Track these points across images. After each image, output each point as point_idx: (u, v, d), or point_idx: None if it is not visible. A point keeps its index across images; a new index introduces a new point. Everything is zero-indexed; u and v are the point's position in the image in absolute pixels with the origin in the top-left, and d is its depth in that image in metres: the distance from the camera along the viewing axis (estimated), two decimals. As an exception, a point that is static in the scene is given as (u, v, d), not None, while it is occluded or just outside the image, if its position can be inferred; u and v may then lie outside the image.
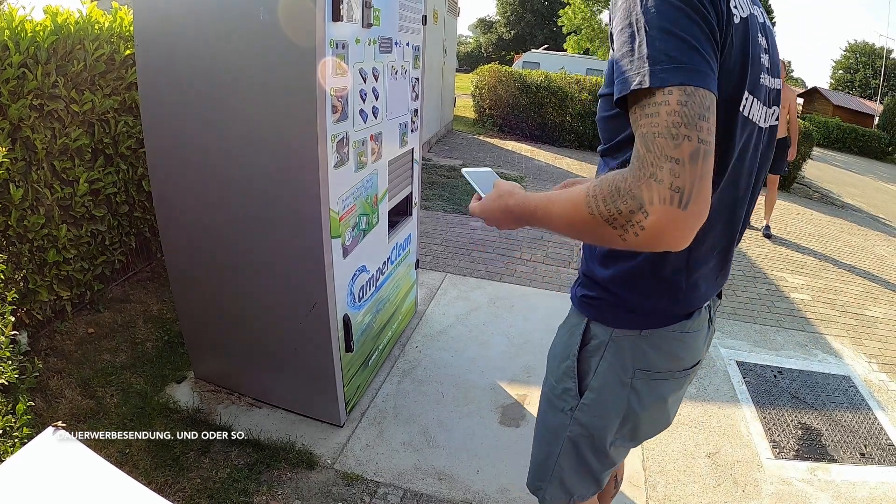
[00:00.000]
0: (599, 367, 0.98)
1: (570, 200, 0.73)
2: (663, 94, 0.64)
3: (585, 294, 0.99)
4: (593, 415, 1.01)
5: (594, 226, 0.69)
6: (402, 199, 2.46)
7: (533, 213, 0.82)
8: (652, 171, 0.63)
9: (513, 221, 0.88)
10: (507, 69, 9.68)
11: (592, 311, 0.98)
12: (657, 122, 0.64)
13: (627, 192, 0.64)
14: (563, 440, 1.06)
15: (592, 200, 0.68)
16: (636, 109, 0.68)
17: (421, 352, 2.64)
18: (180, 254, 2.01)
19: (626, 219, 0.65)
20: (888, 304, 3.89)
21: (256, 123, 1.65)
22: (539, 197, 0.82)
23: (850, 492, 2.00)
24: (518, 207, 0.85)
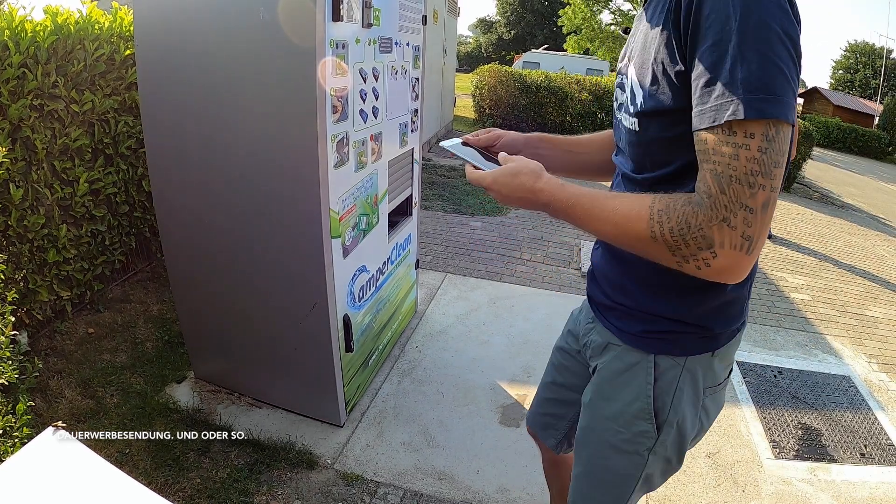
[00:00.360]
0: (675, 400, 0.91)
1: (627, 212, 0.71)
2: (748, 134, 0.63)
3: (648, 330, 0.90)
4: (675, 448, 0.96)
5: (649, 245, 0.70)
6: (401, 201, 2.46)
7: (568, 208, 0.78)
8: (725, 216, 0.64)
9: (530, 203, 0.82)
10: (507, 69, 9.68)
11: (661, 345, 0.90)
12: (736, 165, 0.63)
13: (698, 229, 0.65)
14: (640, 478, 0.98)
15: (657, 225, 0.68)
16: (711, 138, 0.65)
17: (421, 352, 2.64)
18: (180, 254, 2.01)
19: (691, 253, 0.67)
20: (888, 304, 3.89)
21: (256, 123, 1.65)
22: (577, 192, 0.77)
23: (850, 492, 2.00)
24: (547, 195, 0.80)
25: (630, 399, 0.93)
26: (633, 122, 0.82)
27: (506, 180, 0.83)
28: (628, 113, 0.84)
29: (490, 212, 4.94)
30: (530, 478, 1.92)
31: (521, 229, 4.57)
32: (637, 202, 0.71)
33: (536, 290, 3.44)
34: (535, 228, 4.63)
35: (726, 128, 0.64)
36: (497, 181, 0.84)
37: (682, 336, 0.88)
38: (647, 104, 0.77)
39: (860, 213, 7.24)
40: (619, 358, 0.95)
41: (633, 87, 0.82)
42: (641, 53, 0.80)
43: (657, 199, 0.70)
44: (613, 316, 0.95)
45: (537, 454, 1.98)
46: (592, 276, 1.03)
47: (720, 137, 0.64)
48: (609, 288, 0.96)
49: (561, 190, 0.79)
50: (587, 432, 1.01)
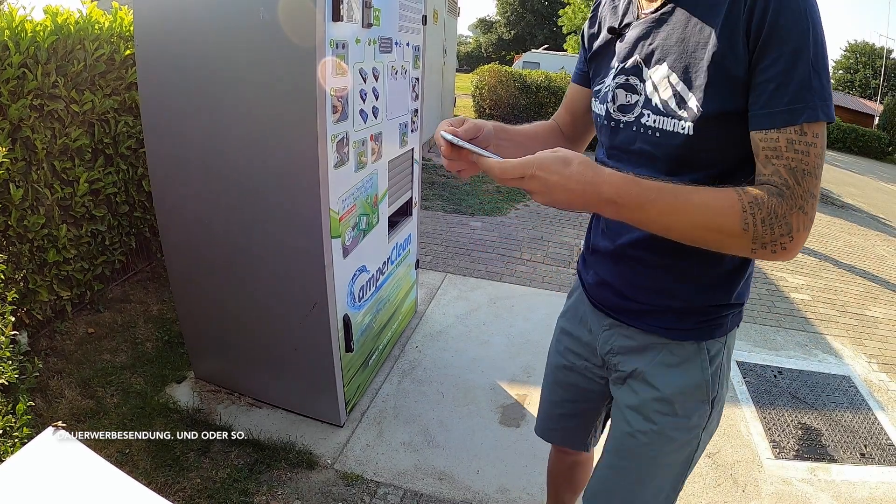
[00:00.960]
0: (721, 377, 0.97)
1: (718, 206, 0.72)
2: (815, 134, 0.72)
3: (699, 321, 0.93)
4: (718, 418, 1.01)
5: (735, 237, 0.72)
6: (401, 204, 2.46)
7: (644, 204, 0.72)
8: (801, 205, 0.72)
9: (583, 199, 0.73)
10: (507, 69, 9.68)
11: (711, 331, 0.94)
12: (808, 161, 0.72)
13: (783, 218, 0.71)
14: (693, 458, 1.01)
15: (750, 217, 0.71)
16: (783, 137, 0.72)
17: (421, 352, 2.64)
18: (180, 254, 2.01)
19: (772, 240, 0.72)
20: (888, 304, 3.89)
21: (256, 123, 1.65)
22: (653, 185, 0.73)
23: (850, 492, 2.00)
24: (612, 188, 0.72)
25: (689, 390, 0.95)
26: (683, 126, 0.80)
27: (557, 169, 0.71)
28: (664, 115, 0.82)
29: (490, 212, 4.94)
30: (530, 478, 1.92)
31: (521, 229, 4.57)
32: (723, 196, 0.72)
33: (536, 290, 3.44)
34: (535, 228, 4.63)
35: (798, 128, 0.71)
36: (544, 168, 0.71)
37: (726, 317, 0.94)
38: (709, 107, 0.77)
39: (860, 213, 7.24)
40: (670, 353, 0.96)
41: (673, 89, 0.81)
42: (683, 55, 0.80)
43: (741, 193, 0.72)
44: (653, 318, 0.95)
45: (537, 454, 1.99)
46: (601, 286, 1.01)
47: (792, 136, 0.72)
48: (643, 295, 0.95)
49: (631, 184, 0.73)
50: (639, 436, 0.99)
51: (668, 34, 0.83)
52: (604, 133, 0.96)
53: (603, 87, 0.95)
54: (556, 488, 1.46)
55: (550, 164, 0.72)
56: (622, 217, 0.74)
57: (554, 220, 4.89)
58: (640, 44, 0.87)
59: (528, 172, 0.72)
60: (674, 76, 0.81)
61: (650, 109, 0.85)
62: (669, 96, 0.82)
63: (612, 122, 0.92)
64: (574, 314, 1.16)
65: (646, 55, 0.86)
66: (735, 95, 0.76)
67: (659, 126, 0.84)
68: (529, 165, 0.72)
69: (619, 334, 1.01)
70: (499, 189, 5.77)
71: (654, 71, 0.84)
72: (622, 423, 1.02)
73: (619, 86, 0.90)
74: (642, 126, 0.87)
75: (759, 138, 0.74)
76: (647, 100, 0.86)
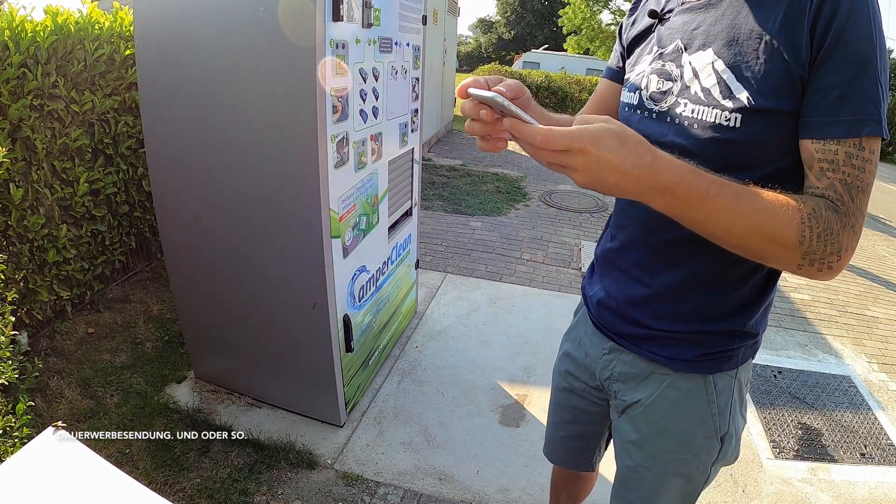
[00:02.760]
0: (731, 412, 0.91)
1: (780, 213, 0.65)
2: (871, 150, 0.68)
3: (704, 353, 0.87)
4: (735, 450, 0.95)
5: (786, 249, 0.67)
6: (402, 214, 2.46)
7: (704, 198, 0.64)
8: (852, 223, 0.68)
9: (636, 184, 0.62)
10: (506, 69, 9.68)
11: (717, 364, 0.88)
12: (863, 177, 0.68)
13: (836, 234, 0.67)
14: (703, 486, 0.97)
15: (808, 230, 0.66)
16: (841, 149, 0.68)
17: (421, 352, 2.64)
18: (180, 254, 2.01)
19: (821, 257, 0.67)
20: (888, 304, 3.89)
21: (256, 123, 1.65)
22: (716, 178, 0.66)
23: (850, 492, 2.00)
24: (672, 176, 0.63)
25: (693, 426, 0.90)
26: (727, 118, 0.73)
27: (612, 145, 0.60)
28: (705, 104, 0.76)
29: (490, 212, 4.94)
30: (530, 478, 1.92)
31: (521, 229, 4.57)
32: (784, 202, 0.66)
33: (536, 290, 3.44)
34: (535, 228, 4.63)
35: (858, 142, 0.67)
36: (598, 143, 0.59)
37: (736, 350, 0.88)
38: (761, 101, 0.71)
39: (860, 213, 7.23)
40: (672, 386, 0.90)
41: (718, 76, 0.74)
42: (734, 43, 0.73)
43: (801, 202, 0.67)
44: (656, 345, 0.89)
45: (537, 454, 1.99)
46: (605, 306, 0.96)
47: (850, 150, 0.67)
48: (648, 318, 0.89)
49: (694, 174, 0.64)
50: (642, 470, 0.95)
51: (716, 19, 0.77)
52: (631, 124, 0.86)
53: (633, 76, 0.89)
54: (556, 498, 1.44)
55: (605, 138, 0.60)
56: (674, 211, 0.65)
57: (554, 221, 4.89)
58: (683, 28, 0.81)
59: (576, 146, 0.59)
60: (720, 63, 0.74)
61: (688, 98, 0.78)
62: (713, 84, 0.75)
63: (644, 111, 0.85)
64: (575, 335, 1.12)
65: (687, 40, 0.79)
66: (791, 94, 0.70)
67: (697, 116, 0.76)
68: (580, 137, 0.59)
69: (619, 360, 0.96)
70: (499, 189, 5.76)
71: (695, 56, 0.78)
72: (625, 456, 0.98)
73: (654, 71, 0.83)
74: (677, 116, 0.79)
75: (816, 148, 0.69)
76: (684, 87, 0.79)
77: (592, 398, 1.09)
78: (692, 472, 0.94)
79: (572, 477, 1.37)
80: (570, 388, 1.12)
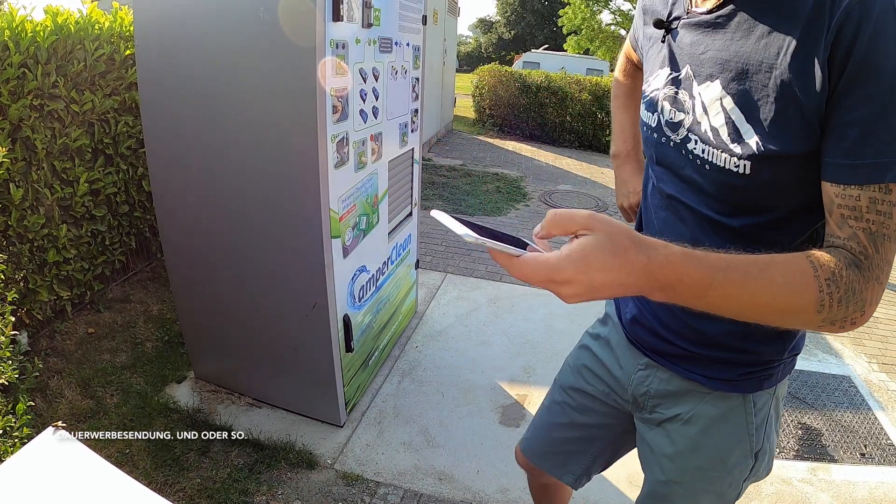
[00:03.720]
0: (767, 428, 0.90)
1: (793, 285, 0.58)
2: None
3: (747, 372, 0.84)
4: (768, 466, 0.94)
5: (805, 317, 0.60)
6: (402, 219, 2.46)
7: (709, 287, 0.56)
8: (877, 275, 0.62)
9: (635, 290, 0.56)
10: (507, 69, 9.68)
11: (758, 383, 0.86)
12: (890, 224, 0.60)
13: (859, 294, 0.61)
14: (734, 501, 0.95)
15: (827, 297, 0.59)
16: (864, 195, 0.60)
17: (421, 352, 2.64)
18: (180, 254, 2.01)
19: (843, 317, 0.61)
20: (888, 304, 3.89)
21: (256, 123, 1.65)
22: (717, 263, 0.57)
23: (850, 492, 2.00)
24: (672, 273, 0.55)
25: (731, 444, 0.88)
26: (737, 164, 0.68)
27: (603, 265, 0.52)
28: (714, 146, 0.70)
29: (490, 212, 4.94)
30: (530, 478, 1.92)
31: (521, 229, 4.57)
32: (797, 272, 0.59)
33: (536, 290, 3.44)
34: None
35: (884, 186, 0.59)
36: (587, 269, 0.52)
37: (777, 368, 0.86)
38: (771, 146, 0.65)
39: (860, 213, 7.23)
40: (712, 405, 0.87)
41: (727, 116, 0.69)
42: (743, 76, 0.67)
43: (817, 267, 0.59)
44: (694, 365, 0.86)
45: (537, 454, 1.99)
46: (639, 323, 0.92)
47: (876, 196, 0.60)
48: (685, 342, 0.85)
49: (693, 264, 0.56)
50: (674, 486, 0.93)
51: (724, 45, 0.69)
52: (650, 146, 0.85)
53: (648, 90, 0.84)
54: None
55: (594, 259, 0.52)
56: (674, 301, 0.58)
57: (554, 220, 4.88)
58: (690, 51, 0.74)
59: (561, 278, 0.53)
60: (728, 100, 0.68)
61: (698, 135, 0.73)
62: (721, 124, 0.69)
63: (662, 136, 0.81)
64: (605, 341, 1.06)
65: (696, 67, 0.73)
66: (807, 135, 0.63)
67: (708, 158, 0.71)
68: (561, 270, 0.52)
69: (656, 377, 0.93)
70: (499, 189, 5.77)
71: (704, 88, 0.71)
72: (657, 469, 0.95)
73: (667, 98, 0.79)
74: (690, 153, 0.75)
75: (835, 193, 0.62)
76: (695, 122, 0.73)
77: (611, 409, 1.04)
78: (724, 490, 0.92)
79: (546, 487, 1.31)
80: (587, 390, 1.07)
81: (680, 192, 0.79)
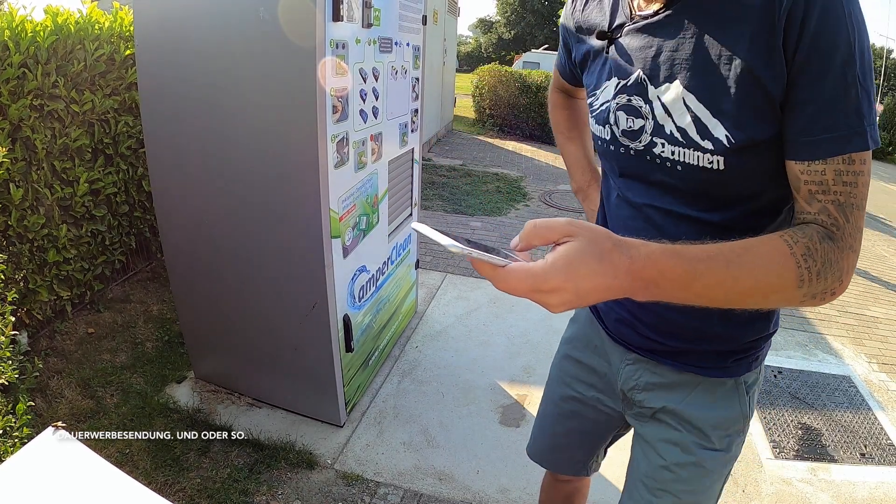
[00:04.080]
0: (753, 404, 0.92)
1: (773, 267, 0.60)
2: (862, 161, 0.62)
3: (738, 358, 0.86)
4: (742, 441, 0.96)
5: (787, 295, 0.62)
6: (402, 217, 2.46)
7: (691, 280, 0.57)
8: (850, 244, 0.63)
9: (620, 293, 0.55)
10: (507, 69, 9.68)
11: (750, 364, 0.88)
12: (856, 192, 0.63)
13: (836, 264, 0.62)
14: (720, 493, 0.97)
15: (806, 272, 0.60)
16: (829, 168, 0.62)
17: (421, 352, 2.64)
18: (180, 254, 2.01)
19: (823, 289, 0.62)
20: (888, 304, 3.89)
21: (256, 123, 1.65)
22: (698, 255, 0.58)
23: (850, 492, 2.00)
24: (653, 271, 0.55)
25: (730, 423, 0.90)
26: (710, 160, 0.69)
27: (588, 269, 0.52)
28: (684, 145, 0.71)
29: (490, 212, 4.94)
30: (530, 478, 1.92)
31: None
32: (775, 252, 0.60)
33: (536, 290, 3.43)
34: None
35: (846, 157, 0.62)
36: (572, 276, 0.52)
37: (763, 348, 0.88)
38: (739, 136, 0.66)
39: (860, 213, 7.23)
40: (706, 391, 0.89)
41: (692, 115, 0.69)
42: (703, 71, 0.67)
43: (793, 244, 0.61)
44: (686, 357, 0.87)
45: (537, 454, 1.99)
46: (623, 323, 0.92)
47: (840, 168, 0.62)
48: (675, 340, 0.86)
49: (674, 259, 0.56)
50: (676, 469, 0.93)
51: (678, 44, 0.69)
52: (609, 158, 0.84)
53: (597, 104, 0.83)
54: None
55: (580, 265, 0.52)
56: (659, 298, 0.58)
57: (554, 220, 4.88)
58: (642, 55, 0.73)
59: (546, 287, 0.52)
60: (691, 97, 0.69)
61: (664, 138, 0.73)
62: (688, 122, 0.69)
63: (619, 147, 0.80)
64: (585, 342, 1.05)
65: (650, 70, 0.73)
66: (773, 119, 0.65)
67: (679, 159, 0.72)
68: (547, 279, 0.51)
69: (646, 370, 0.92)
70: (499, 189, 5.77)
71: (662, 90, 0.72)
72: (654, 456, 0.94)
73: (621, 107, 0.77)
74: (657, 157, 0.74)
75: (801, 170, 0.64)
76: (657, 126, 0.73)
77: (605, 408, 1.05)
78: (722, 470, 0.94)
79: (570, 496, 1.30)
80: (580, 397, 1.07)
81: (652, 199, 0.79)
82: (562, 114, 1.17)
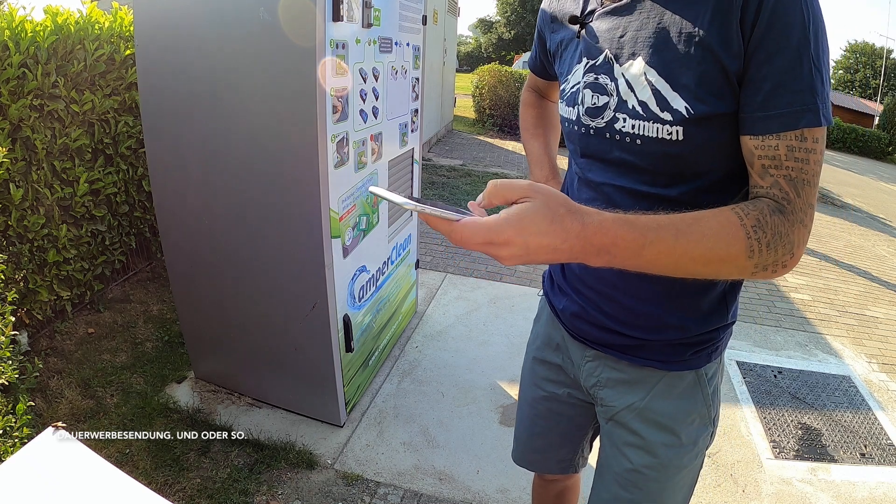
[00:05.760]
0: (717, 395, 0.93)
1: (723, 236, 0.62)
2: (815, 139, 0.64)
3: (697, 350, 0.86)
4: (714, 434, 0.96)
5: (737, 265, 0.64)
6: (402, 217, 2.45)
7: (642, 247, 0.59)
8: (801, 218, 0.66)
9: (569, 255, 0.58)
10: (507, 69, 9.68)
11: (709, 355, 0.88)
12: (808, 169, 0.65)
13: (786, 237, 0.64)
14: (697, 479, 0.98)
15: (756, 243, 0.63)
16: (781, 143, 0.65)
17: (421, 352, 2.64)
18: (180, 254, 2.01)
19: (774, 260, 0.65)
20: (888, 304, 3.89)
21: (256, 123, 1.65)
22: (650, 223, 0.60)
23: (850, 492, 2.00)
24: (607, 236, 0.58)
25: (692, 418, 0.90)
26: (669, 131, 0.71)
27: (540, 228, 0.55)
28: (644, 118, 0.73)
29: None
30: (530, 478, 1.91)
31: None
32: (725, 223, 0.63)
33: (536, 289, 3.44)
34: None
35: (798, 133, 0.64)
36: (523, 231, 0.55)
37: (721, 339, 0.89)
38: (700, 108, 0.69)
39: (860, 213, 7.24)
40: (668, 385, 0.89)
41: (653, 88, 0.72)
42: (664, 48, 0.70)
43: (743, 216, 0.63)
44: (646, 352, 0.88)
45: (537, 454, 1.99)
46: (581, 319, 0.92)
47: (791, 143, 0.65)
48: (633, 330, 0.87)
49: (626, 227, 0.59)
50: (645, 471, 0.93)
51: (642, 23, 0.73)
52: (573, 139, 0.87)
53: (568, 87, 0.85)
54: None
55: (531, 222, 0.55)
56: (612, 265, 0.61)
57: (554, 220, 4.88)
58: (609, 36, 0.77)
59: (499, 239, 0.55)
60: (652, 73, 0.71)
61: (626, 113, 0.75)
62: (648, 96, 0.72)
63: (581, 127, 0.82)
64: (547, 341, 1.06)
65: (616, 49, 0.76)
66: (730, 94, 0.68)
67: (639, 132, 0.74)
68: (500, 231, 0.55)
69: (606, 366, 0.93)
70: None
71: (627, 67, 0.74)
72: (622, 459, 0.95)
73: (588, 85, 0.80)
74: (617, 133, 0.77)
75: (755, 145, 0.67)
76: (620, 101, 0.76)
77: (576, 402, 1.06)
78: (693, 463, 0.94)
79: (561, 494, 1.30)
80: (551, 395, 1.08)
81: (610, 178, 0.81)
82: (531, 112, 1.19)
